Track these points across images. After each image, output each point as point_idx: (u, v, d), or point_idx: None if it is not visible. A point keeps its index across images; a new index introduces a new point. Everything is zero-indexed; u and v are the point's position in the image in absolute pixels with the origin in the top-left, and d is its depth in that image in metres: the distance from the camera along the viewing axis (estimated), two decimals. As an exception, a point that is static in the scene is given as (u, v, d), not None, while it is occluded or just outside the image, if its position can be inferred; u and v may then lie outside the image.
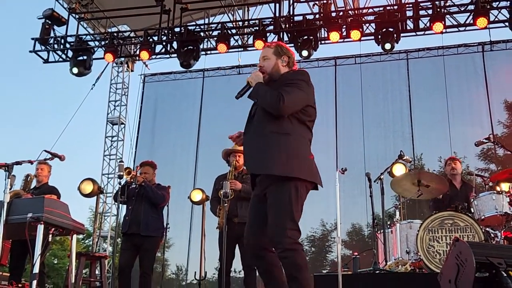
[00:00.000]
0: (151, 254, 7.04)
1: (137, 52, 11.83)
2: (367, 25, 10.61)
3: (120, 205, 7.25)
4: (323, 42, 10.98)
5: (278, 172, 3.72)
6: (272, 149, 3.80)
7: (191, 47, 11.01)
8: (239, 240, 6.48)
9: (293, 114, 3.87)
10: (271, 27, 11.00)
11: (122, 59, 13.15)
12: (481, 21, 9.90)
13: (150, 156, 9.89)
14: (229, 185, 6.29)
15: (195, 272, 7.39)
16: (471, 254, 2.80)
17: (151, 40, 11.37)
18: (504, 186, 6.89)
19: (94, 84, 12.62)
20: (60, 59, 11.63)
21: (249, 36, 11.38)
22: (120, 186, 7.03)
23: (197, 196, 8.13)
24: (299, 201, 3.75)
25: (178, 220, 10.94)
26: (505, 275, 2.79)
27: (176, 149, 12.51)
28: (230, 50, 11.31)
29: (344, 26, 10.55)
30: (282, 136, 3.84)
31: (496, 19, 10.25)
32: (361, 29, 10.46)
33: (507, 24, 10.07)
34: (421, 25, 10.42)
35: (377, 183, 7.08)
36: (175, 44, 11.29)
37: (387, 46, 10.22)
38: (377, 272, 6.23)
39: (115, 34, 11.85)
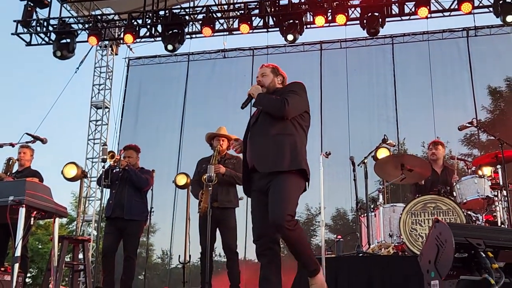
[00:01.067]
0: (135, 238, 7.04)
1: (121, 36, 11.74)
2: (353, 9, 10.62)
3: (104, 189, 7.19)
4: (308, 26, 10.95)
5: (287, 167, 4.11)
6: (279, 147, 4.20)
7: (176, 31, 10.93)
8: (219, 224, 6.51)
9: (294, 118, 4.33)
10: (257, 11, 10.94)
11: (106, 42, 13.00)
12: (466, 6, 9.94)
13: (134, 140, 9.85)
14: (213, 169, 6.28)
15: (179, 255, 7.41)
16: (450, 235, 2.82)
17: (135, 23, 11.28)
18: (486, 170, 6.96)
19: (78, 68, 12.52)
20: (43, 42, 11.50)
21: (234, 19, 11.32)
22: (104, 170, 7.01)
23: (182, 180, 8.13)
24: (298, 192, 4.22)
25: (162, 204, 10.91)
26: (483, 255, 2.81)
27: (160, 132, 12.45)
28: (215, 34, 11.26)
29: (330, 11, 10.55)
30: (286, 136, 4.26)
31: (481, 4, 10.33)
32: (346, 14, 10.47)
33: (491, 9, 10.12)
34: (406, 10, 10.47)
35: (361, 167, 7.12)
36: (159, 28, 11.20)
37: (372, 30, 10.23)
38: (360, 255, 6.28)
39: (99, 17, 11.71)
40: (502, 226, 6.50)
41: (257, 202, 4.30)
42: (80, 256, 6.79)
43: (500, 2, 9.80)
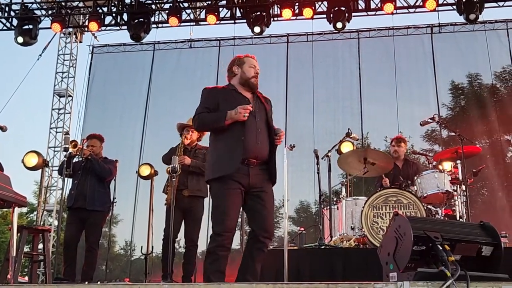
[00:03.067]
0: (97, 229, 6.96)
1: (86, 23, 11.54)
2: (320, 3, 10.68)
3: (66, 178, 7.08)
4: (275, 19, 10.98)
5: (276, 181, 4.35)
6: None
7: (142, 20, 10.80)
8: (186, 214, 6.50)
9: None
10: (224, 2, 10.92)
11: (70, 29, 12.76)
12: (430, 3, 10.12)
13: (97, 129, 9.66)
14: (178, 160, 6.26)
15: (142, 246, 7.36)
16: (409, 228, 2.87)
17: (100, 11, 11.10)
18: (447, 165, 7.11)
19: (40, 55, 12.26)
20: (4, 28, 11.25)
21: (201, 10, 11.25)
22: (65, 159, 6.90)
23: (145, 171, 8.07)
24: None
25: (125, 194, 10.81)
26: (440, 248, 2.87)
27: (123, 122, 12.29)
28: (181, 24, 11.16)
29: (297, 4, 10.59)
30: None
31: (445, 1, 10.52)
32: (313, 7, 10.53)
33: (455, 7, 10.30)
34: (373, 5, 10.59)
35: (325, 160, 7.17)
36: (125, 16, 11.06)
37: (339, 25, 10.31)
38: (322, 247, 6.34)
39: (62, 3, 11.44)
40: (461, 220, 6.66)
41: (237, 196, 4.17)
42: (40, 246, 6.69)
43: (464, 0, 9.99)
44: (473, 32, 11.32)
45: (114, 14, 11.06)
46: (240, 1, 10.86)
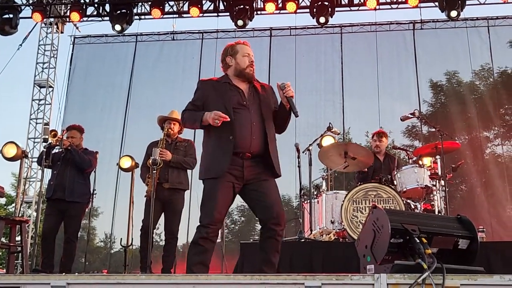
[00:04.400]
0: (76, 221, 6.92)
1: (68, 13, 11.43)
2: (303, -3, 10.70)
3: (45, 169, 7.02)
4: (259, 12, 10.98)
5: (280, 174, 4.24)
6: (277, 152, 4.28)
7: (124, 11, 10.74)
8: (166, 206, 6.49)
9: None
10: (207, -6, 10.90)
11: (52, 19, 12.60)
12: (413, 0, 10.17)
13: (78, 120, 9.56)
14: (158, 152, 6.25)
15: (121, 239, 7.33)
16: (387, 220, 2.89)
17: (82, 1, 11.00)
18: (426, 160, 7.18)
19: (20, 45, 12.09)
20: (-16, 16, 11.08)
21: (184, 2, 11.20)
22: (45, 149, 6.84)
23: (126, 163, 8.03)
24: None
25: (105, 186, 10.74)
26: (418, 241, 2.90)
27: (104, 114, 12.18)
28: (164, 16, 11.12)
29: (281, -2, 10.60)
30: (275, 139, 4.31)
31: (428, -2, 10.58)
32: (296, 2, 10.57)
33: (437, 4, 10.39)
34: (356, 1, 10.67)
35: (306, 154, 7.19)
36: (107, 7, 10.97)
37: (322, 19, 10.35)
38: (302, 240, 6.37)
39: (44, -8, 11.35)
40: (439, 214, 6.73)
41: (227, 189, 4.08)
42: (18, 238, 6.63)
43: (446, -3, 10.09)
44: (454, 29, 11.40)
45: (96, 5, 10.99)
46: (223, -6, 10.85)
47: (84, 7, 10.98)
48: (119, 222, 11.21)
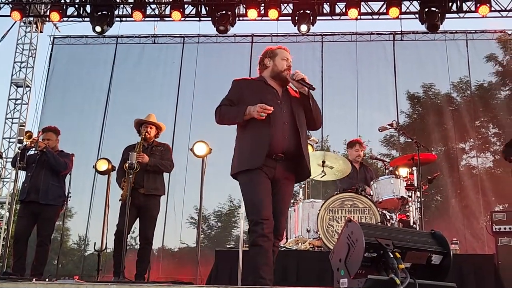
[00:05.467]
0: (50, 223, 6.84)
1: (47, 13, 11.30)
2: (285, 5, 10.73)
3: (19, 171, 6.91)
4: (241, 18, 10.98)
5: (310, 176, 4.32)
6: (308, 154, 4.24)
7: (105, 12, 10.65)
8: (141, 211, 6.44)
9: None
10: (189, -1, 10.88)
11: (31, 18, 12.44)
12: (393, 11, 10.31)
13: (55, 122, 9.46)
14: (135, 156, 6.21)
15: (95, 243, 7.26)
16: (361, 234, 2.90)
17: (62, 1, 10.89)
18: (403, 171, 7.24)
19: (-2, 43, 11.96)
20: (-38, 14, 10.92)
21: (166, 5, 11.15)
22: (19, 150, 6.74)
23: (102, 166, 7.96)
24: None
25: (81, 189, 10.64)
26: (391, 256, 2.91)
27: (82, 116, 12.04)
28: (146, 19, 11.05)
29: (262, 5, 10.62)
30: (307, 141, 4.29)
31: (408, 10, 10.71)
32: (279, 9, 10.58)
33: (417, 16, 10.50)
34: (337, 10, 10.74)
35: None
36: (88, 8, 10.88)
37: (303, 28, 10.41)
38: (278, 249, 6.35)
39: (23, -9, 11.20)
40: (414, 225, 6.79)
41: (266, 184, 4.01)
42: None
43: (426, 10, 10.21)
44: (433, 41, 11.53)
45: (76, 5, 10.88)
46: (206, -2, 10.84)
47: (64, 7, 10.86)
48: (94, 225, 11.11)
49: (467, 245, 9.75)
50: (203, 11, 10.95)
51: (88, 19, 10.82)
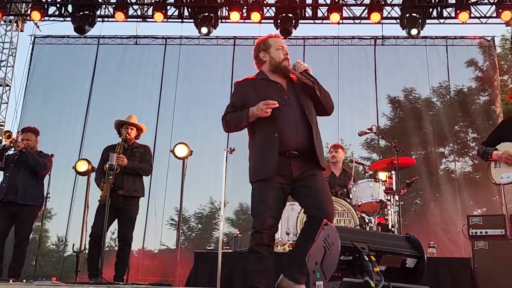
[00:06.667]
0: (28, 224, 6.79)
1: (28, 12, 11.22)
2: (268, 8, 10.79)
3: (-2, 171, 6.86)
4: (223, 20, 11.01)
5: (325, 167, 4.09)
6: (321, 142, 4.10)
7: (87, 12, 10.60)
8: (120, 213, 6.43)
9: None
10: (172, 0, 10.87)
11: (12, 17, 12.33)
12: (375, 16, 10.42)
13: (36, 122, 9.40)
14: (115, 158, 6.20)
15: (73, 244, 7.23)
16: (337, 238, 2.93)
17: (44, 0, 10.80)
18: (382, 175, 7.30)
19: (-23, 41, 11.84)
20: None
21: (148, 7, 11.13)
22: (-2, 150, 6.71)
23: (82, 166, 7.95)
24: None
25: (61, 190, 10.55)
26: (366, 259, 2.94)
27: (63, 116, 11.94)
28: (128, 20, 11.02)
29: (245, 7, 10.66)
30: (320, 133, 4.11)
31: (389, 15, 10.83)
32: (261, 12, 10.62)
33: (398, 21, 10.62)
34: (319, 14, 10.82)
35: (265, 164, 7.20)
36: (70, 7, 10.83)
37: (285, 31, 10.43)
38: (257, 251, 6.37)
39: (4, -10, 11.10)
40: (393, 229, 6.85)
41: (277, 190, 3.90)
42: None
43: (407, 15, 10.33)
44: (414, 47, 11.63)
45: (58, 5, 10.81)
46: (188, 0, 10.84)
47: (45, 6, 10.80)
48: (73, 226, 11.04)
49: (444, 249, 9.84)
50: (186, 13, 10.96)
51: (69, 18, 10.76)
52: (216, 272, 5.37)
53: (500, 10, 10.32)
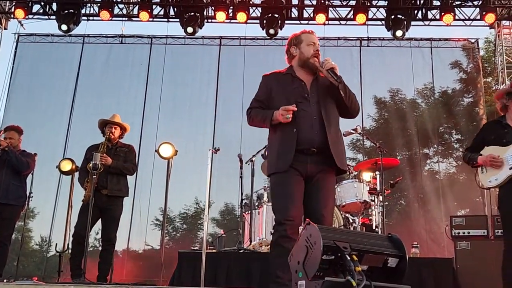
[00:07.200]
0: (10, 223, 6.71)
1: (12, 10, 11.12)
2: (254, 8, 10.79)
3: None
4: (209, 20, 10.99)
5: (344, 168, 4.07)
6: (343, 146, 4.13)
7: (72, 11, 10.52)
8: (103, 213, 6.40)
9: None
10: (158, 0, 10.82)
11: (-5, 15, 12.21)
12: (360, 17, 10.47)
13: (19, 121, 9.27)
14: (99, 157, 6.18)
15: (56, 244, 7.18)
16: (319, 237, 2.93)
17: (28, -3, 10.74)
18: (366, 176, 7.35)
19: (-40, 39, 11.70)
20: None
21: (134, 6, 11.08)
22: (-20, 150, 6.62)
23: (66, 166, 7.88)
24: None
25: (45, 189, 10.47)
26: (348, 258, 2.95)
27: (47, 115, 11.83)
28: (113, 18, 10.97)
29: (231, 7, 10.65)
30: (340, 134, 4.14)
31: (375, 16, 10.89)
32: (247, 12, 10.62)
33: (383, 22, 10.68)
34: (305, 15, 10.85)
35: (249, 164, 7.24)
36: (54, 6, 10.75)
37: (271, 31, 10.45)
38: (241, 251, 6.40)
39: (-13, -13, 11.00)
40: (377, 229, 6.89)
41: (297, 181, 3.89)
42: None
43: (392, 17, 10.39)
44: (399, 48, 11.70)
45: (42, 3, 10.73)
46: (174, 0, 10.81)
47: (29, 4, 10.70)
48: (57, 226, 10.96)
49: (428, 249, 9.91)
50: (172, 12, 10.93)
51: (54, 17, 10.68)
52: (200, 272, 5.36)
53: (484, 13, 10.41)
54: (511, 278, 4.78)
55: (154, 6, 10.81)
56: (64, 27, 10.44)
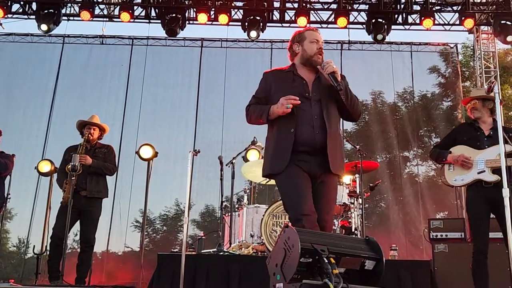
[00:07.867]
0: (-13, 225, 6.67)
1: (-9, 9, 10.98)
2: (236, 10, 10.78)
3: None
4: (191, 22, 10.97)
5: (342, 174, 4.08)
6: (342, 148, 4.05)
7: (52, 11, 10.41)
8: (82, 214, 6.36)
9: None
10: (139, 0, 10.79)
11: (-26, 14, 12.04)
12: (341, 21, 10.52)
13: (-3, 121, 9.28)
14: (78, 158, 6.14)
15: (34, 246, 7.12)
16: (297, 240, 2.95)
17: (7, -3, 10.60)
18: (346, 178, 7.39)
19: None
20: None
21: (115, 6, 11.01)
22: (-43, 151, 6.55)
23: (45, 167, 7.84)
24: None
25: (24, 191, 10.36)
26: (326, 261, 2.97)
27: (26, 116, 11.70)
28: (94, 19, 10.88)
29: (213, 9, 10.64)
30: (340, 136, 4.09)
31: (356, 20, 10.96)
32: (229, 14, 10.61)
33: (364, 26, 10.75)
34: (287, 18, 10.87)
35: (229, 166, 7.25)
36: (34, 5, 10.64)
37: (253, 34, 10.47)
38: (220, 253, 6.39)
39: (-35, -14, 10.83)
40: (356, 232, 6.93)
41: (304, 178, 3.80)
42: None
43: (373, 21, 10.47)
44: (379, 52, 11.79)
45: (22, 2, 10.61)
46: (155, 1, 10.77)
47: (9, 3, 10.56)
48: (36, 227, 10.85)
49: (406, 251, 10.00)
50: (153, 13, 10.88)
51: (33, 16, 10.56)
52: (179, 274, 5.34)
53: (463, 18, 10.52)
54: (480, 277, 4.91)
55: (135, 7, 10.74)
56: (44, 27, 10.33)
